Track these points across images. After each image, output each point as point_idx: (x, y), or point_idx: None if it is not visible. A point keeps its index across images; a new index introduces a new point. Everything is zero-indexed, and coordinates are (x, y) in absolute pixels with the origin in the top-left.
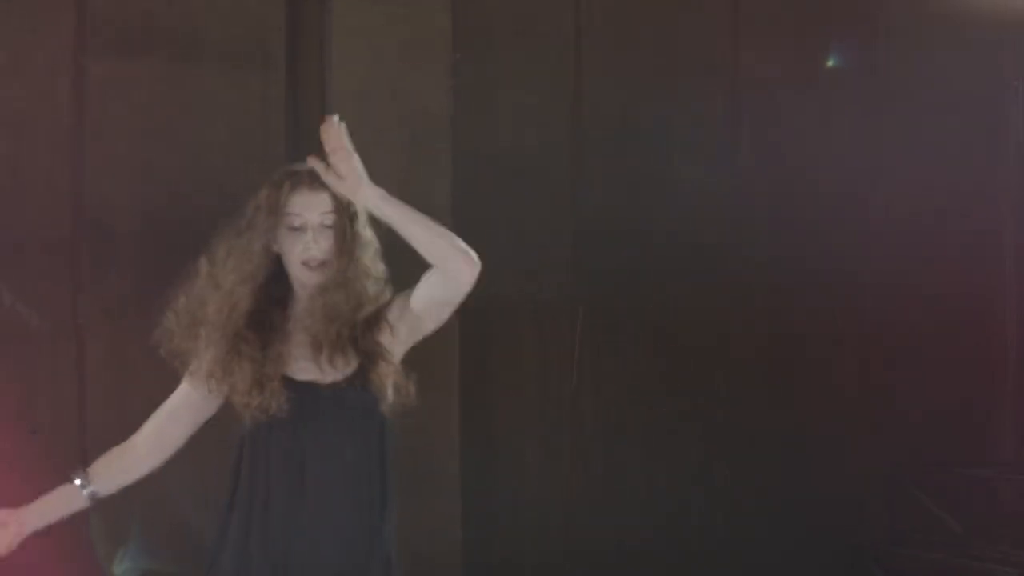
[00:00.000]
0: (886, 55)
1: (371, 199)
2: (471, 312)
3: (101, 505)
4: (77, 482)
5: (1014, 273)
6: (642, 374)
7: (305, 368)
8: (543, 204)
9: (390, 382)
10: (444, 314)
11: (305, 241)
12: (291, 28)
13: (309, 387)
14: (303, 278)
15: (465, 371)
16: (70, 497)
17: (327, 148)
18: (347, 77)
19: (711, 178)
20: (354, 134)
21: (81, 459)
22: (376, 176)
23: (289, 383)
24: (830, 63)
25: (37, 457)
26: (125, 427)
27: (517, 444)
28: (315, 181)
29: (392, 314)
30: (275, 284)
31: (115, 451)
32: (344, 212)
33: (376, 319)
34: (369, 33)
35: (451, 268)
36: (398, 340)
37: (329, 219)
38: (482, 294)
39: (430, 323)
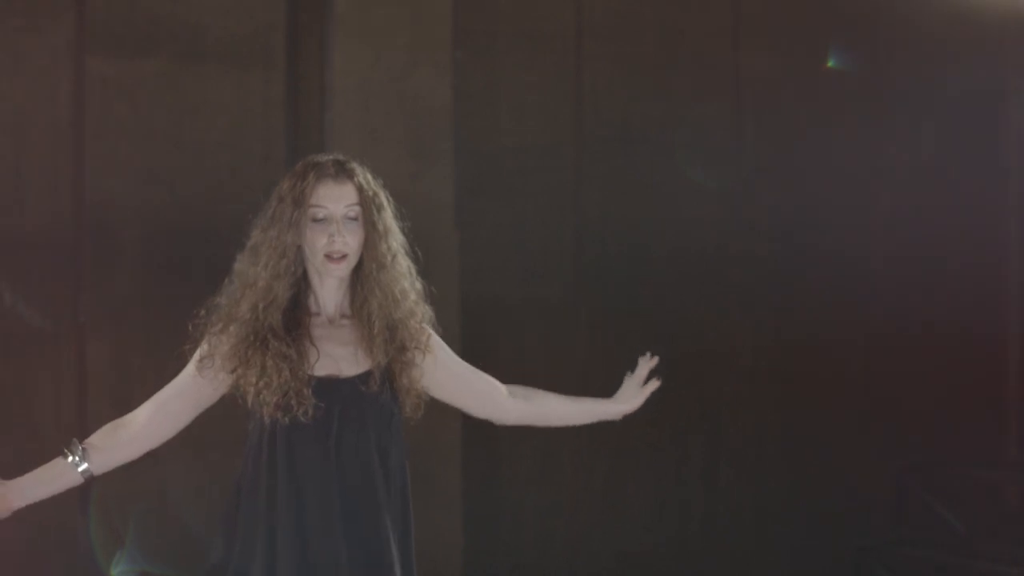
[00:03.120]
0: (886, 55)
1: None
2: (474, 312)
3: (100, 505)
4: (71, 459)
5: (1016, 273)
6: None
7: (324, 363)
8: (545, 203)
9: (410, 382)
10: (454, 404)
11: (329, 233)
12: (291, 28)
13: (330, 382)
14: (324, 271)
15: None
16: (63, 473)
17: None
18: (347, 77)
19: (712, 177)
20: (354, 134)
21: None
22: (378, 176)
23: (310, 379)
24: (830, 63)
25: (37, 457)
26: None
27: (518, 448)
28: (340, 172)
29: (433, 341)
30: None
31: (110, 427)
32: (370, 204)
33: (408, 320)
34: (370, 33)
35: (514, 421)
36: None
37: (354, 211)
38: (484, 294)
39: (441, 393)
